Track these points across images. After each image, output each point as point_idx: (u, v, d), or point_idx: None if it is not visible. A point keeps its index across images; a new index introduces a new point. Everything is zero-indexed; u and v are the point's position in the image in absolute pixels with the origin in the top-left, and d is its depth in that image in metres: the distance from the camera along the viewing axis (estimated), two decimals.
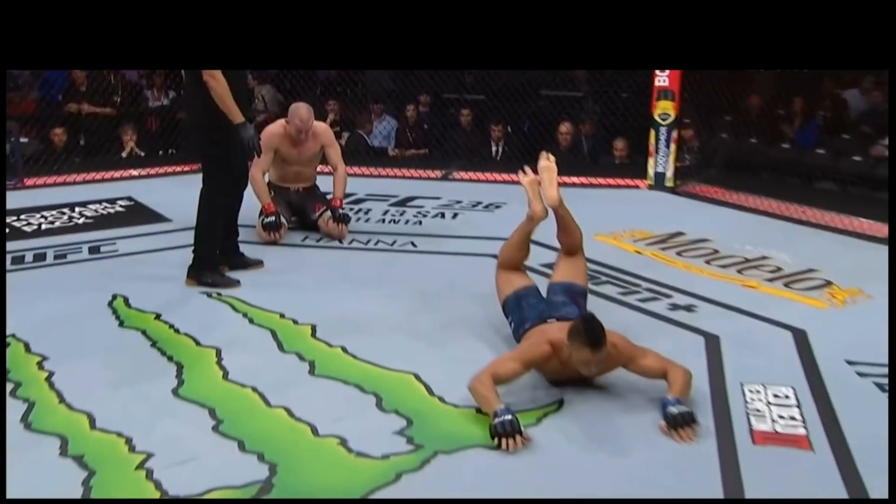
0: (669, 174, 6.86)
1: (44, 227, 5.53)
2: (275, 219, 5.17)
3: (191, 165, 7.04)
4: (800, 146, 7.37)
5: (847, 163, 6.81)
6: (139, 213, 5.95)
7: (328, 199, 5.45)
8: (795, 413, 3.10)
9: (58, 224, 5.62)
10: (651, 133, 6.86)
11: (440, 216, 5.98)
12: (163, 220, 5.73)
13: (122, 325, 3.91)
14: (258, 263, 4.72)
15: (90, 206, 6.06)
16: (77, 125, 7.69)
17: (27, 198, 6.26)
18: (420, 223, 5.77)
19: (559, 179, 3.82)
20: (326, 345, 3.68)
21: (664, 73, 6.73)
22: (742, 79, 7.30)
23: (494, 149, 7.91)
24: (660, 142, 6.84)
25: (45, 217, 5.77)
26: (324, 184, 5.59)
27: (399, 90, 8.52)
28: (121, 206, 6.12)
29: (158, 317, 3.98)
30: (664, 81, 6.75)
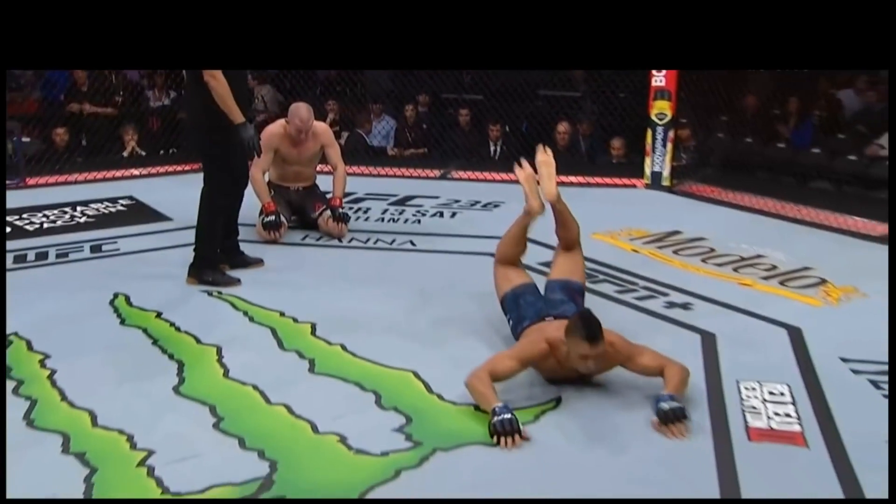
0: (666, 173, 6.88)
1: (46, 226, 5.55)
2: (275, 218, 5.19)
3: (191, 165, 7.07)
4: (795, 146, 7.37)
5: (842, 162, 6.82)
6: (140, 213, 5.97)
7: (328, 199, 5.47)
8: (791, 410, 3.12)
9: (60, 223, 5.64)
10: (648, 133, 6.88)
11: (439, 215, 6.00)
12: (164, 220, 5.75)
13: (124, 324, 3.93)
14: (258, 262, 4.74)
15: (92, 206, 6.08)
16: (79, 125, 7.71)
17: (29, 197, 6.28)
18: (419, 222, 5.79)
19: (556, 179, 3.80)
20: (326, 343, 3.70)
21: (661, 74, 6.75)
22: (738, 79, 7.30)
23: (493, 148, 7.92)
24: (657, 141, 6.86)
25: (47, 216, 5.79)
26: (323, 183, 5.61)
27: (398, 90, 8.53)
28: (122, 206, 6.15)
29: (159, 315, 4.00)
30: (661, 81, 6.77)
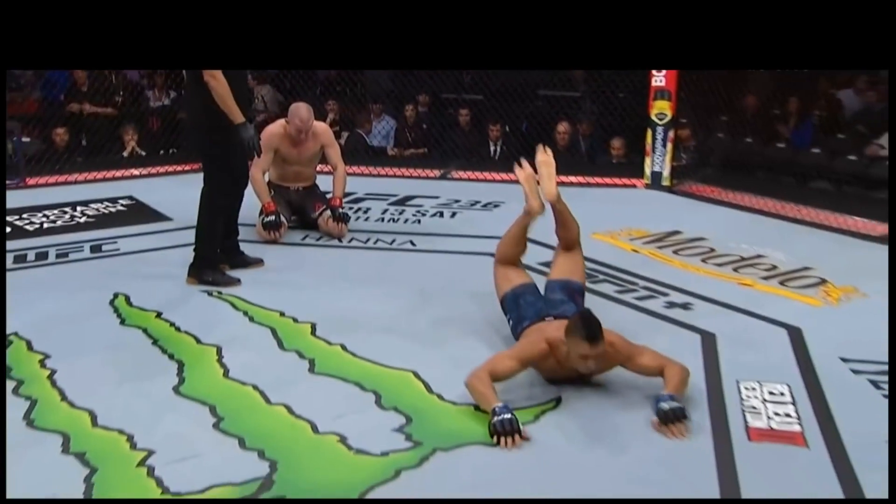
0: (666, 173, 6.88)
1: (46, 226, 5.55)
2: (275, 218, 5.19)
3: (191, 165, 7.07)
4: (795, 146, 7.37)
5: (842, 162, 6.82)
6: (140, 213, 5.97)
7: (328, 199, 5.47)
8: (791, 410, 3.12)
9: (60, 223, 5.64)
10: (648, 133, 6.88)
11: (439, 215, 6.00)
12: (164, 219, 5.75)
13: (124, 324, 3.93)
14: (258, 262, 4.74)
15: (92, 206, 6.09)
16: (79, 125, 7.71)
17: (29, 197, 6.28)
18: (419, 222, 5.79)
19: (556, 179, 3.80)
20: (326, 343, 3.70)
21: (661, 74, 6.75)
22: (738, 79, 7.30)
23: (493, 148, 7.92)
24: (657, 141, 6.86)
25: (47, 216, 5.79)
26: (324, 183, 5.61)
27: (398, 90, 8.53)
28: (122, 206, 6.15)
29: (159, 315, 4.00)
30: (661, 81, 6.77)
